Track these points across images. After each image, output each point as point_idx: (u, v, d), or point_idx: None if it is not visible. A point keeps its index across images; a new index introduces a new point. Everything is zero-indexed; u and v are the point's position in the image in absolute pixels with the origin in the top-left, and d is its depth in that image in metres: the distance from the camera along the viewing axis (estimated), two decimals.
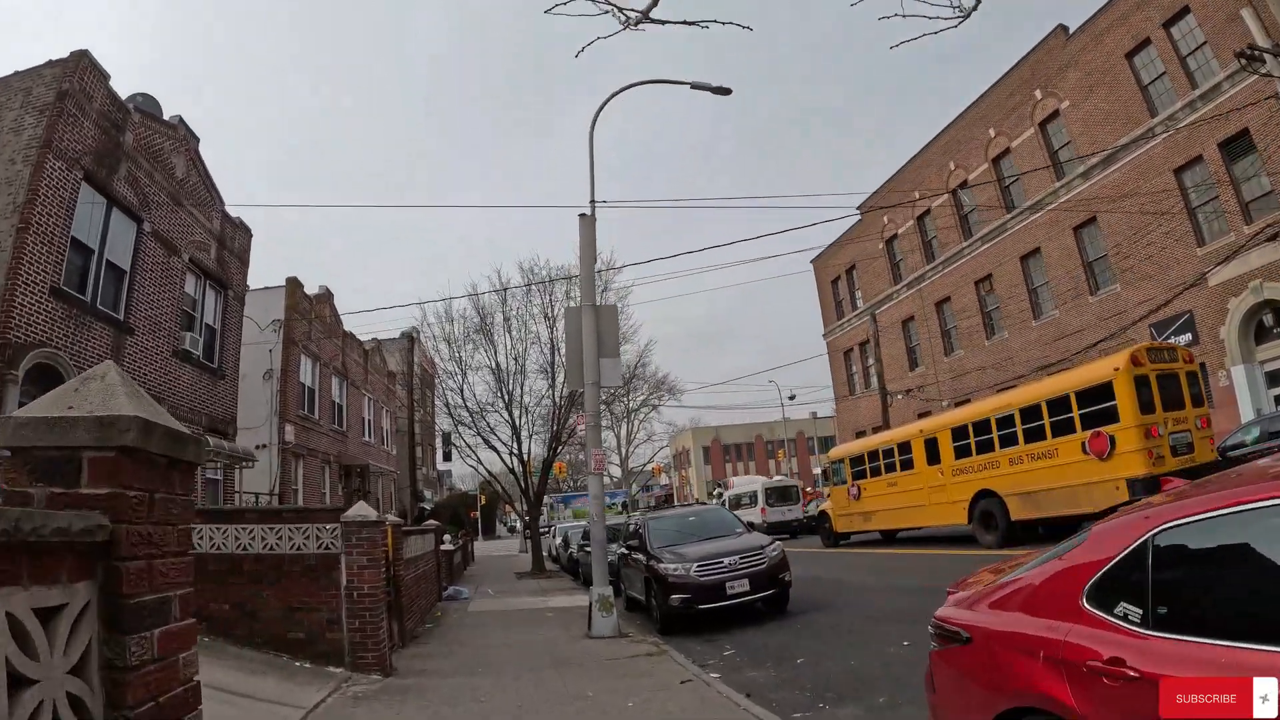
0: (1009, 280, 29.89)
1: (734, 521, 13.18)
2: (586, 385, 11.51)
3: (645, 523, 12.95)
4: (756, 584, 10.97)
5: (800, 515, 27.25)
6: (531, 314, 21.42)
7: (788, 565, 11.53)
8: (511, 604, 14.90)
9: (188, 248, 16.47)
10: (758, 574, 11.04)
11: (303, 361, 21.64)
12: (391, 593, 10.24)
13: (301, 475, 20.95)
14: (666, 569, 11.17)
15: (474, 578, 21.02)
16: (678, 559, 11.28)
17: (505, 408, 21.23)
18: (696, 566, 10.99)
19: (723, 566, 11.01)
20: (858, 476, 21.14)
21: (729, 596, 10.84)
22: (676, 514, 13.73)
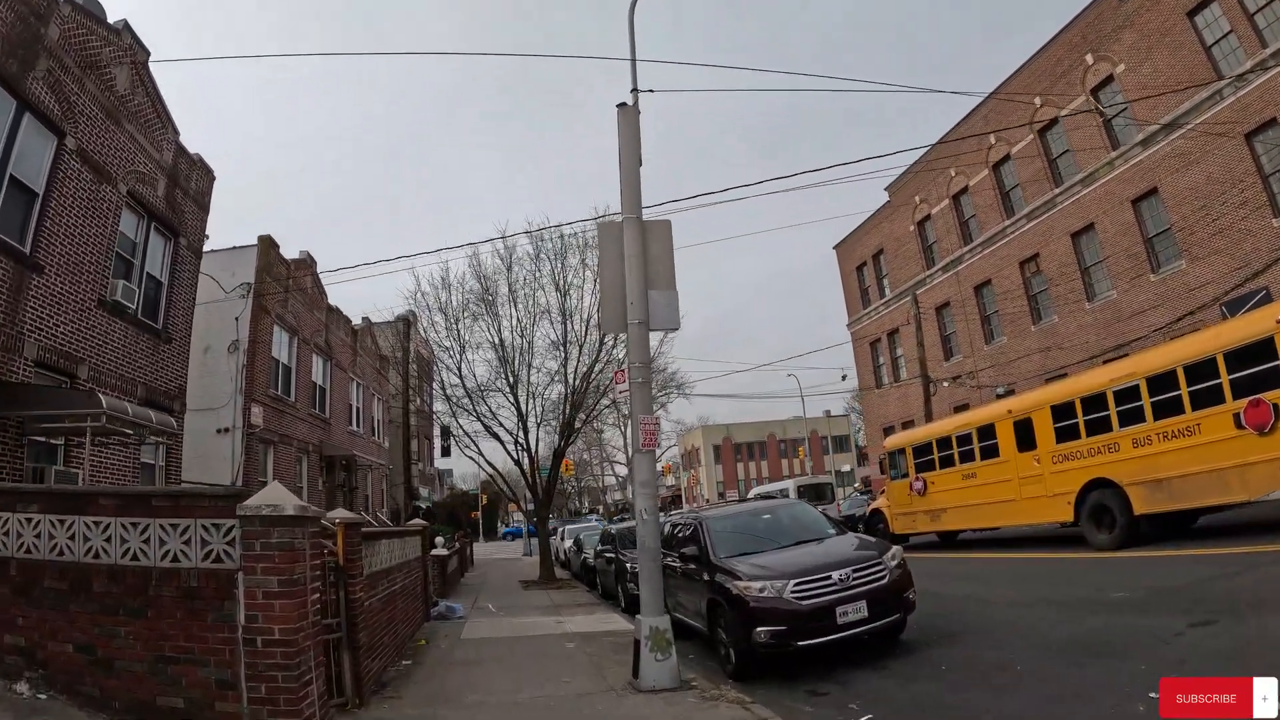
0: (1059, 259, 26.41)
1: (821, 519, 9.41)
2: (630, 326, 7.75)
3: (703, 523, 9.14)
4: (877, 607, 7.25)
5: (836, 516, 23.45)
6: (540, 283, 17.68)
7: (912, 579, 7.83)
8: (518, 626, 11.07)
9: (127, 178, 12.73)
10: (878, 592, 7.34)
11: (276, 334, 17.86)
12: (342, 627, 6.45)
13: (272, 465, 17.15)
14: (747, 589, 7.40)
15: (472, 587, 17.22)
16: (761, 573, 7.52)
17: (509, 389, 17.47)
18: (794, 585, 7.23)
19: (830, 584, 7.27)
20: (923, 468, 17.38)
21: (840, 627, 7.12)
22: (744, 511, 9.84)
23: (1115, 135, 24.53)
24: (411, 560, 10.53)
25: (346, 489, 21.02)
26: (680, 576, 9.28)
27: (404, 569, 9.84)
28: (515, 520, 55.13)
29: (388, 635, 8.24)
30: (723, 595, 7.77)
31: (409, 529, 11.13)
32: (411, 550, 10.61)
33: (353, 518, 6.85)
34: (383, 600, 8.17)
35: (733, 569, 7.84)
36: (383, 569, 8.24)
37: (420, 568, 11.15)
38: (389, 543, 8.79)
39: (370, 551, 7.61)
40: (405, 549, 10.06)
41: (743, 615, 7.35)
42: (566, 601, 14.04)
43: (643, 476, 7.47)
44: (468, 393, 17.37)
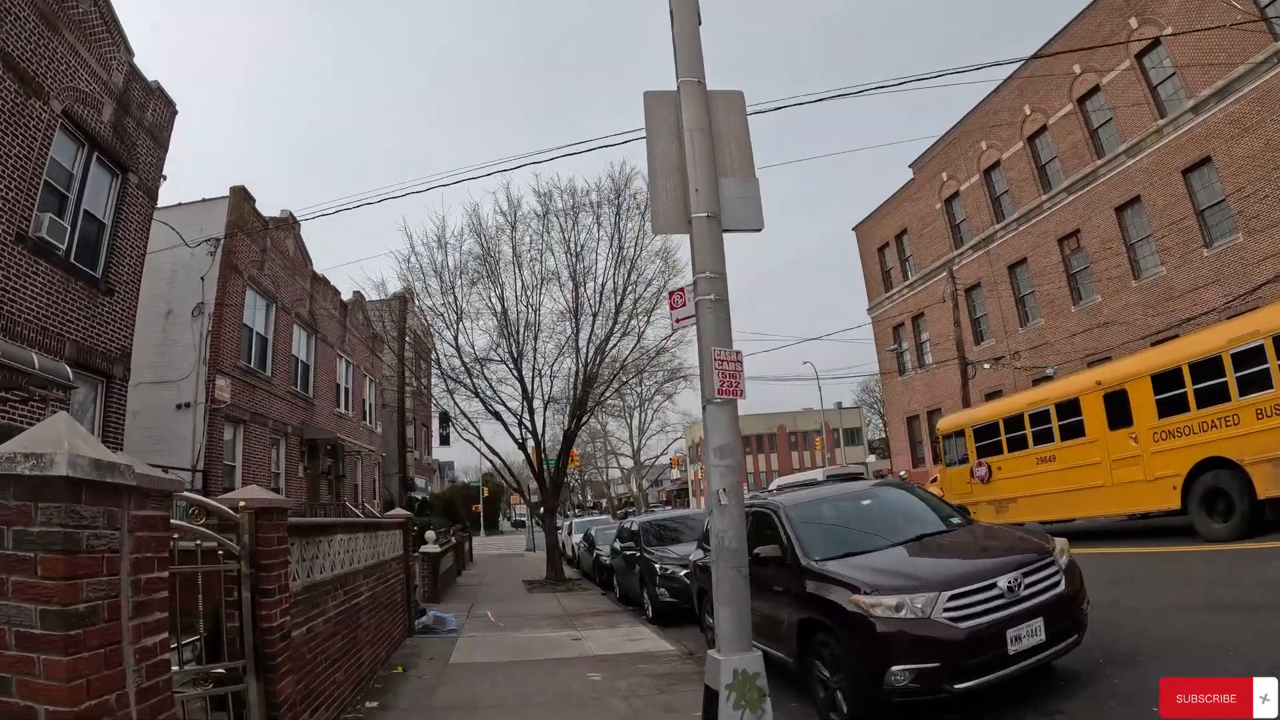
0: (1101, 235, 23.86)
1: (940, 503, 6.80)
2: (695, 221, 5.12)
3: (782, 513, 6.51)
4: (1055, 625, 4.77)
5: None
6: (549, 245, 15.02)
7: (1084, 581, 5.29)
8: (524, 644, 8.42)
9: (63, 95, 10.17)
10: (1055, 605, 4.88)
11: (250, 298, 15.21)
12: (248, 672, 3.84)
13: (241, 447, 14.49)
14: (873, 606, 4.80)
15: (469, 589, 14.58)
16: (894, 583, 4.95)
17: (513, 362, 14.82)
18: (949, 600, 4.64)
19: (995, 596, 4.72)
20: (986, 452, 14.80)
21: (1012, 658, 4.59)
22: (831, 496, 7.03)
23: (1162, 103, 22.16)
24: (389, 561, 7.89)
25: (333, 477, 18.42)
26: (759, 589, 6.66)
27: (375, 573, 7.20)
28: (519, 513, 52.23)
29: (342, 670, 5.61)
30: (828, 615, 5.17)
31: (384, 521, 8.47)
32: (389, 548, 7.97)
33: (271, 500, 4.21)
34: (335, 621, 5.53)
35: (842, 577, 5.23)
36: (334, 577, 5.60)
37: (401, 569, 8.51)
38: (349, 540, 6.14)
39: (309, 553, 4.98)
40: (378, 546, 7.42)
41: (867, 645, 4.76)
42: (580, 608, 11.41)
43: (720, 439, 4.82)
44: (465, 367, 14.73)
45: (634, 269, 14.72)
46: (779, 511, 6.45)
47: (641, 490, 48.49)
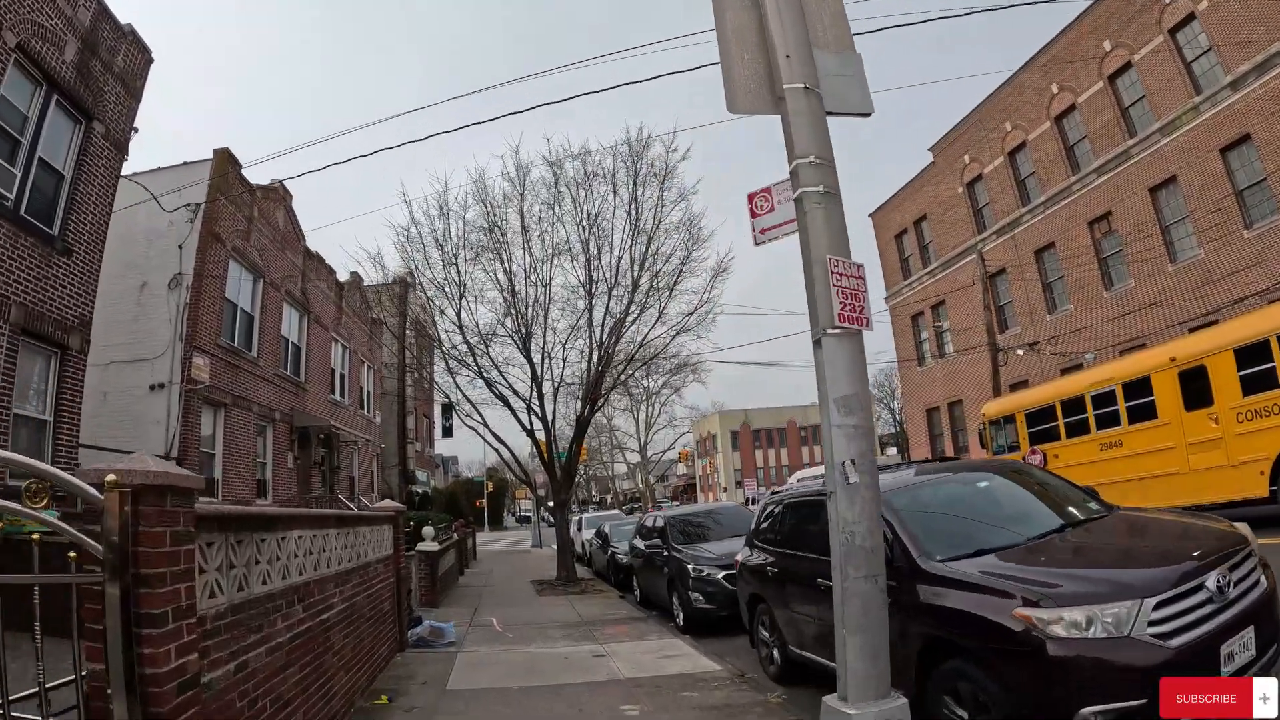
0: (1135, 217, 22.34)
1: (1067, 485, 5.23)
2: (788, 95, 3.58)
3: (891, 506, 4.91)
4: (1263, 634, 3.30)
5: None
6: (559, 217, 13.44)
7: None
8: (537, 664, 6.85)
9: (18, 27, 8.74)
10: (1261, 607, 3.26)
11: (233, 271, 13.65)
12: None
13: (222, 433, 12.94)
14: (1058, 622, 3.24)
15: (472, 591, 13.00)
16: (1078, 587, 3.38)
17: (520, 341, 13.26)
18: (1153, 610, 3.08)
19: (1203, 600, 3.21)
20: (1040, 439, 13.28)
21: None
22: (936, 481, 5.25)
23: (1197, 80, 20.70)
24: (374, 562, 6.33)
25: (327, 468, 16.88)
26: (815, 590, 5.15)
27: (355, 579, 5.65)
28: (524, 508, 50.48)
29: (300, 712, 4.06)
30: (970, 634, 3.63)
31: (368, 515, 6.90)
32: (374, 547, 6.41)
33: (164, 473, 2.63)
34: (289, 648, 3.98)
35: (993, 581, 3.68)
36: (288, 588, 4.04)
37: (390, 571, 6.96)
38: (315, 537, 4.59)
39: (244, 556, 3.43)
40: (359, 545, 5.86)
41: (1036, 679, 3.22)
42: (598, 614, 9.85)
43: (843, 387, 3.26)
44: (469, 346, 13.17)
45: (653, 241, 13.17)
46: (892, 504, 4.86)
47: (649, 486, 46.91)
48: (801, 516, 6.09)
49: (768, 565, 6.31)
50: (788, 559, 6.02)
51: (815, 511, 5.81)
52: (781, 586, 6.08)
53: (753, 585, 6.64)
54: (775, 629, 6.23)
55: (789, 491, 6.76)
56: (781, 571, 6.06)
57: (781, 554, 6.16)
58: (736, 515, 10.27)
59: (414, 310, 19.67)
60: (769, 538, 6.55)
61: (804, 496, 6.16)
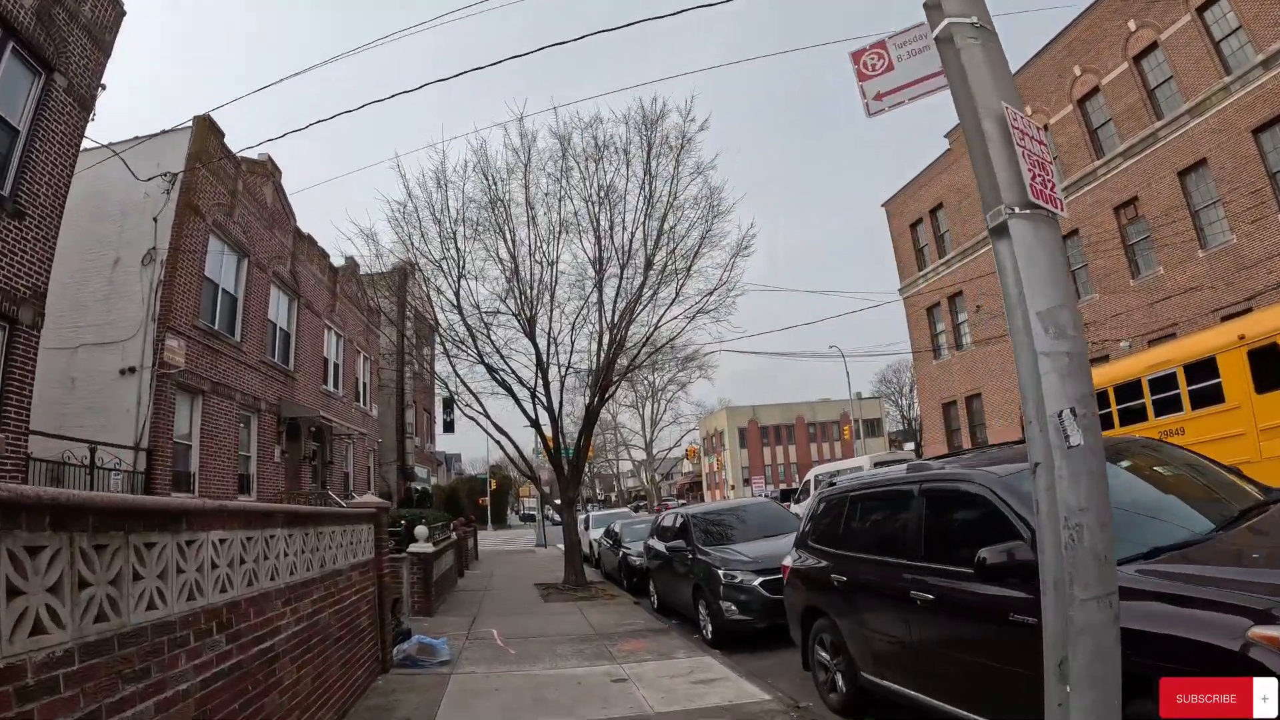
0: (1163, 202, 21.10)
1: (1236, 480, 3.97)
2: None
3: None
4: None
5: None
6: (567, 191, 12.16)
7: None
8: (546, 691, 5.55)
9: None
10: None
11: (214, 248, 12.39)
12: None
13: (199, 422, 11.68)
14: None
15: (471, 596, 11.67)
16: None
17: (525, 324, 12.00)
18: None
19: None
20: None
21: None
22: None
23: (1226, 59, 19.52)
24: (346, 570, 5.06)
25: (318, 463, 15.61)
26: (904, 605, 3.88)
27: (316, 593, 4.37)
28: (528, 507, 48.98)
29: None
30: (1182, 662, 2.34)
31: (340, 512, 5.63)
32: (348, 550, 5.14)
33: None
34: (203, 695, 2.71)
35: (1220, 593, 2.41)
36: (205, 609, 2.77)
37: (369, 580, 5.68)
38: (240, 542, 3.31)
39: (103, 569, 2.15)
40: (326, 550, 4.58)
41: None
42: (612, 624, 8.56)
43: (1047, 296, 2.03)
44: (468, 327, 11.90)
45: (669, 214, 11.92)
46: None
47: (655, 483, 45.57)
48: (880, 511, 4.83)
49: (830, 572, 5.03)
50: (860, 565, 4.75)
51: (900, 504, 4.55)
52: (850, 598, 4.81)
53: (808, 596, 5.38)
54: (840, 650, 4.97)
55: (858, 479, 5.47)
56: (852, 580, 4.79)
57: (850, 558, 4.89)
58: (769, 512, 8.98)
59: (413, 301, 18.43)
60: (830, 538, 5.28)
61: (883, 486, 4.89)
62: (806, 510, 6.01)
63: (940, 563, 3.99)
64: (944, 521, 4.18)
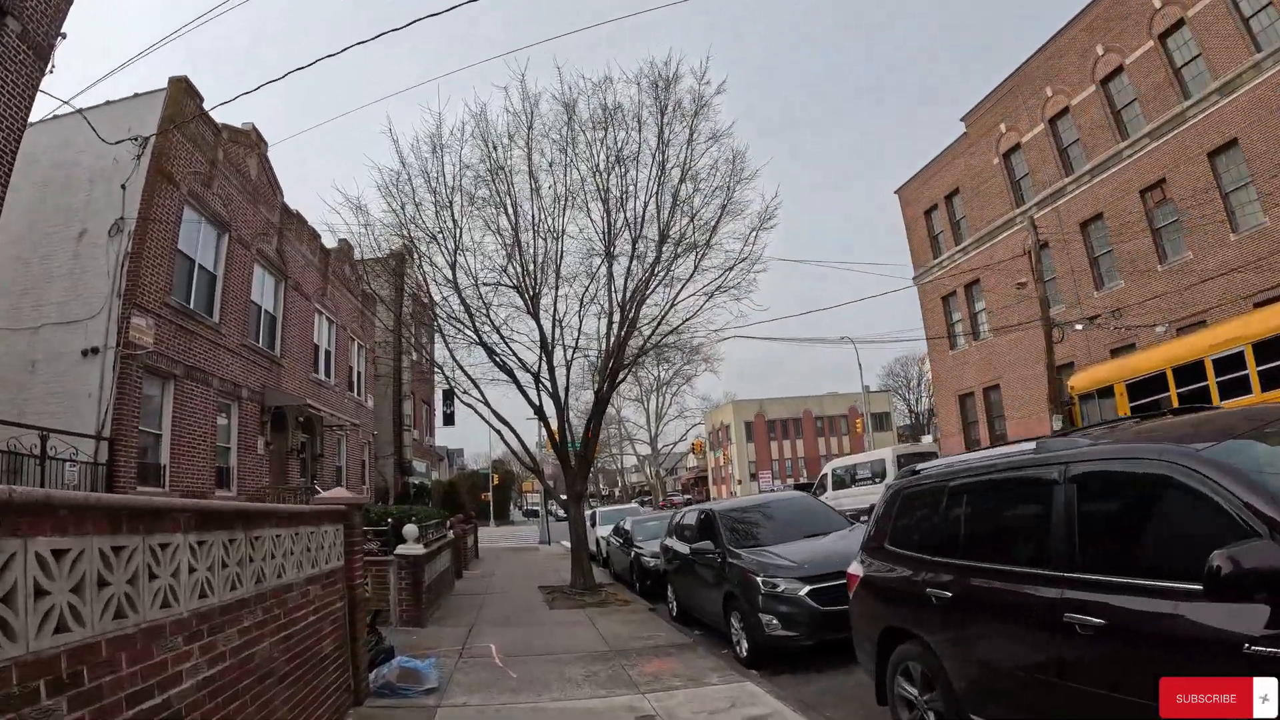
0: (1192, 184, 19.91)
1: None
2: None
3: None
4: None
5: None
6: (574, 160, 10.92)
7: None
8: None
9: None
10: None
11: (189, 219, 11.18)
12: None
13: (171, 410, 10.48)
14: None
15: (469, 601, 10.40)
16: None
17: (527, 300, 10.80)
18: None
19: None
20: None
21: None
22: None
23: (1257, 36, 18.38)
24: (298, 585, 3.86)
25: (307, 456, 14.41)
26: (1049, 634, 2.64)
27: (254, 616, 3.18)
28: (531, 502, 47.54)
29: None
30: None
31: (288, 511, 4.41)
32: (302, 559, 3.93)
33: None
34: None
35: None
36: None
37: (337, 592, 4.49)
38: (92, 553, 2.10)
39: None
40: (265, 561, 3.38)
41: None
42: (629, 637, 7.35)
43: None
44: (464, 304, 10.69)
45: (685, 185, 10.72)
46: None
47: (659, 478, 44.31)
48: (999, 505, 3.64)
49: (927, 586, 3.83)
50: (972, 576, 3.55)
51: (1032, 494, 3.35)
52: (956, 619, 3.61)
53: (889, 614, 4.18)
54: (934, 684, 3.78)
55: (952, 465, 4.23)
56: (961, 596, 3.59)
57: (955, 567, 3.69)
58: (807, 508, 7.76)
59: (411, 288, 17.21)
60: (919, 541, 4.08)
61: (1001, 471, 3.67)
62: (877, 507, 4.81)
63: (1106, 573, 2.81)
64: (1108, 516, 3.00)
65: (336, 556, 4.62)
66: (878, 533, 4.60)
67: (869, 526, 4.83)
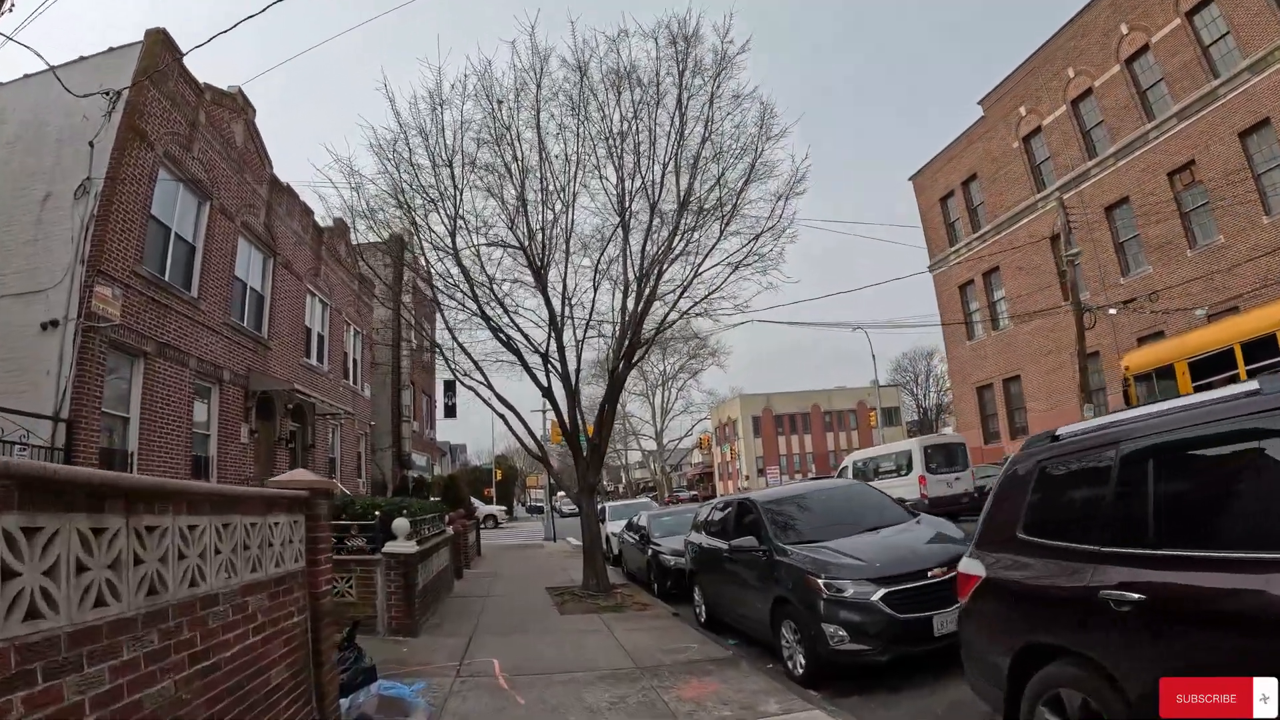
0: (1222, 165, 18.86)
1: None
2: None
3: None
4: None
5: (972, 487, 15.65)
6: (585, 121, 9.75)
7: None
8: None
9: None
10: None
11: (164, 182, 10.02)
12: None
13: (141, 392, 9.33)
14: None
15: (469, 604, 9.13)
16: None
17: (533, 262, 9.65)
18: None
19: None
20: None
21: None
22: None
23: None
24: (229, 596, 2.73)
25: (298, 445, 13.25)
26: None
27: (135, 649, 2.05)
28: (534, 498, 45.94)
29: None
30: None
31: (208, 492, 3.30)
32: (231, 562, 2.80)
33: None
34: None
35: None
36: None
37: (295, 602, 3.36)
38: None
39: None
40: (151, 564, 2.23)
41: None
42: (654, 648, 6.21)
43: None
44: (464, 271, 9.55)
45: (709, 143, 9.57)
46: None
47: (665, 474, 43.08)
48: (1213, 473, 2.51)
49: (1101, 587, 2.68)
50: (1188, 570, 2.40)
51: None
52: (1157, 631, 2.46)
53: (1030, 625, 3.05)
54: None
55: (1119, 421, 3.04)
56: (1166, 600, 2.43)
57: (1150, 560, 2.54)
58: (863, 498, 6.57)
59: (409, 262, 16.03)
60: (1075, 526, 2.94)
61: (1217, 420, 2.52)
62: (996, 486, 3.67)
63: None
64: None
65: (294, 556, 3.48)
66: (1004, 519, 3.45)
67: (985, 513, 3.68)
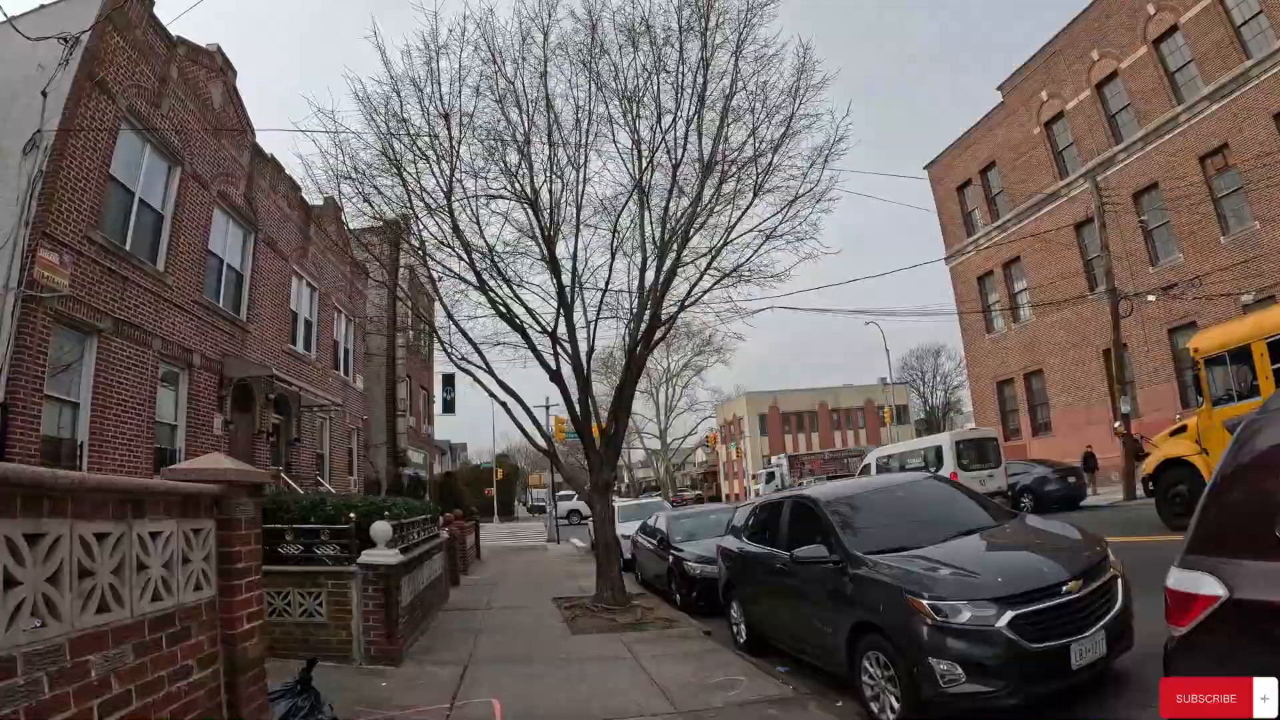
0: (1257, 148, 17.74)
1: None
2: None
3: None
4: None
5: (1004, 485, 14.44)
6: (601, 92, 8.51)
7: None
8: None
9: None
10: None
11: (126, 140, 8.76)
12: None
13: (93, 373, 8.07)
14: None
15: (464, 621, 7.70)
16: None
17: (542, 244, 8.44)
18: None
19: None
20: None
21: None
22: None
23: None
24: (47, 652, 1.48)
25: (280, 439, 11.96)
26: None
27: None
28: (536, 497, 44.14)
29: None
30: None
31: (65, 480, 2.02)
32: (65, 600, 1.55)
33: None
34: None
35: None
36: None
37: (192, 654, 2.16)
38: None
39: None
40: None
41: None
42: (693, 682, 4.97)
43: None
44: (457, 231, 8.33)
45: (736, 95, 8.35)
46: None
47: (670, 473, 41.80)
48: None
49: None
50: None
51: None
52: None
53: None
54: None
55: None
56: None
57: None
58: (944, 496, 5.25)
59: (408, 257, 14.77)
60: None
61: None
62: (1223, 464, 2.44)
63: None
64: None
65: (196, 581, 2.26)
66: (1252, 511, 2.23)
67: (1210, 505, 2.44)
